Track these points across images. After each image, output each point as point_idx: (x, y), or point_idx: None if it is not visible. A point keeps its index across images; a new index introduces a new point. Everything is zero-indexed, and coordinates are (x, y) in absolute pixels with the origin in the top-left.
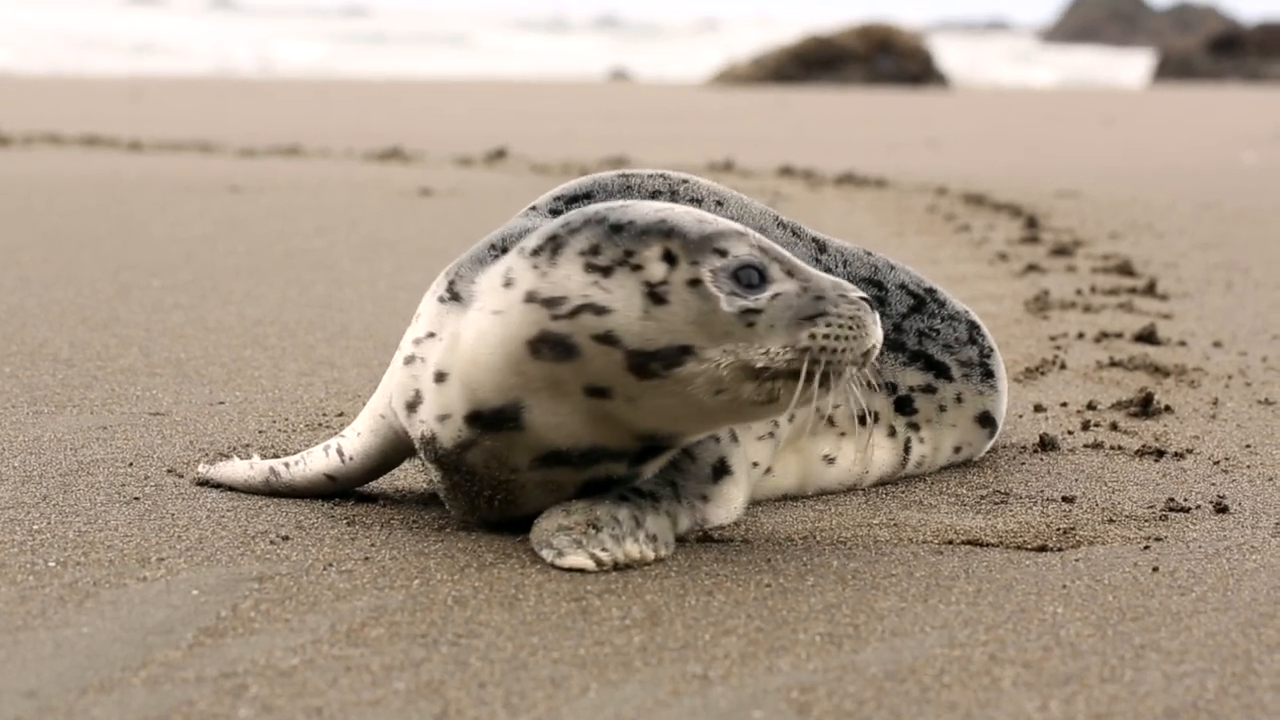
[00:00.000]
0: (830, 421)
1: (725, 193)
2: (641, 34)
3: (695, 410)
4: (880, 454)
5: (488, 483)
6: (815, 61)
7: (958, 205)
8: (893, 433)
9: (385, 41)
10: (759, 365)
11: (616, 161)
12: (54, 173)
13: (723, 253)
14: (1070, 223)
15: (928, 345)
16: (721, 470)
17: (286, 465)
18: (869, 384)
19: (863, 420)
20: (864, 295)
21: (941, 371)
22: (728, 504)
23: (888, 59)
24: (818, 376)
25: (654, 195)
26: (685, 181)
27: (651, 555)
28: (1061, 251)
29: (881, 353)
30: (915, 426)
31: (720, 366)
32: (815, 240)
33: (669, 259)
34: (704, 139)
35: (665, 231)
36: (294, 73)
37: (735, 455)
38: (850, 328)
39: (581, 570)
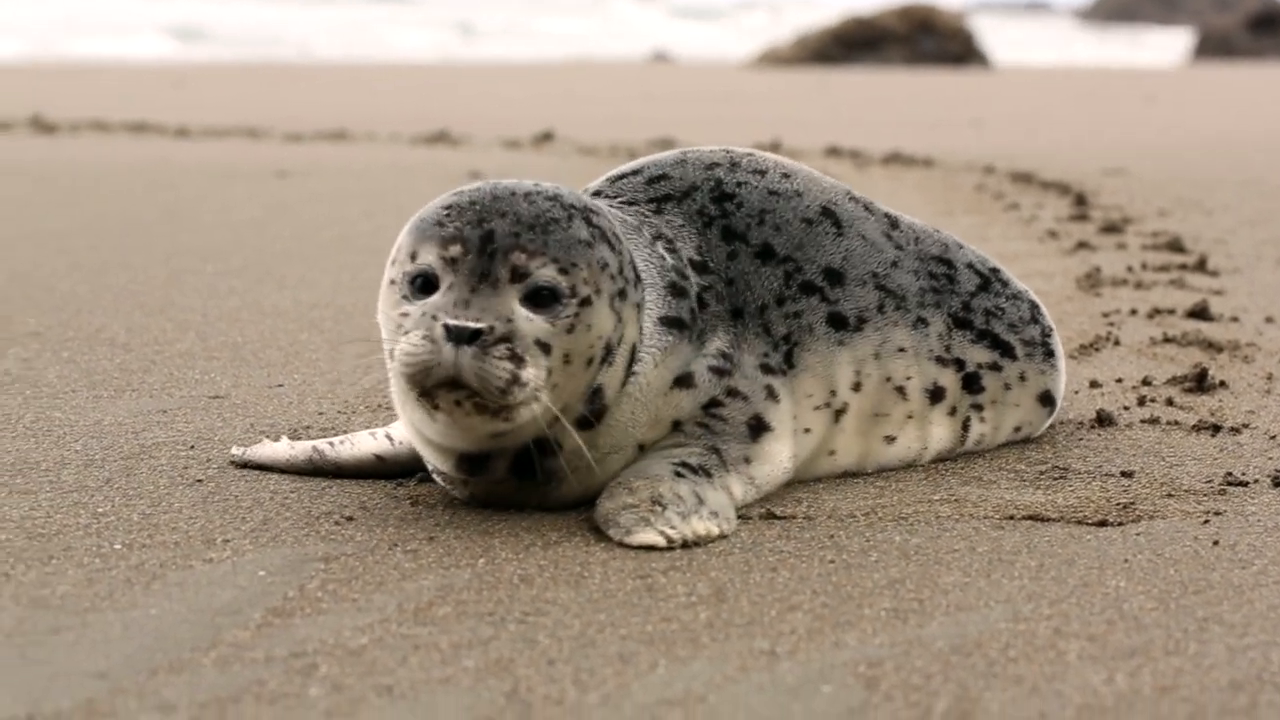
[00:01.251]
0: (901, 394)
1: (792, 165)
2: (682, 15)
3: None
4: (939, 431)
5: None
6: (857, 42)
7: (1005, 184)
8: (953, 411)
9: (470, 33)
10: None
11: (663, 143)
12: (101, 159)
13: (413, 256)
14: (1119, 200)
15: (994, 324)
16: (759, 428)
17: (331, 444)
18: (938, 358)
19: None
20: (456, 324)
21: (1006, 350)
22: (772, 460)
23: (929, 39)
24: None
25: (711, 167)
26: (750, 154)
27: (717, 531)
28: (1111, 229)
29: (949, 329)
30: (979, 407)
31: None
32: (887, 216)
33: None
34: (749, 120)
35: (407, 229)
36: (338, 58)
37: (773, 412)
38: (416, 349)
39: (650, 547)
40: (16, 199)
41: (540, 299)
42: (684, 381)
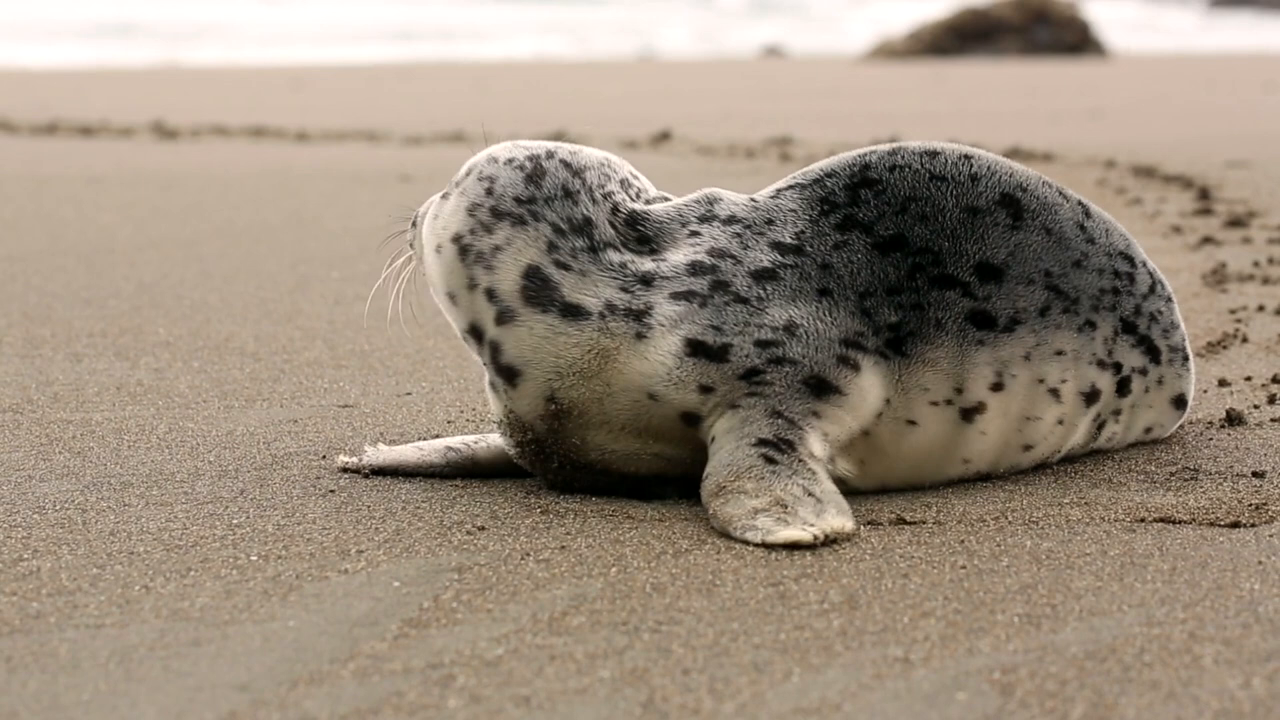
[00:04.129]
0: (1055, 396)
1: (976, 150)
2: (791, 9)
3: None
4: (1079, 434)
5: None
6: (971, 34)
7: (1127, 178)
8: (1099, 415)
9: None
10: None
11: (780, 141)
12: (224, 165)
13: None
14: (1243, 193)
15: (1153, 329)
16: (822, 388)
17: (466, 443)
18: (1099, 361)
19: None
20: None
21: (1155, 355)
22: (840, 423)
23: (1044, 29)
24: None
25: (866, 153)
26: (928, 143)
27: (850, 526)
28: (1236, 223)
29: (1116, 334)
30: (1118, 411)
31: None
32: (1080, 203)
33: None
34: (866, 116)
35: None
36: (448, 57)
37: (846, 380)
38: None
39: (795, 545)
40: (142, 207)
41: None
42: (706, 350)
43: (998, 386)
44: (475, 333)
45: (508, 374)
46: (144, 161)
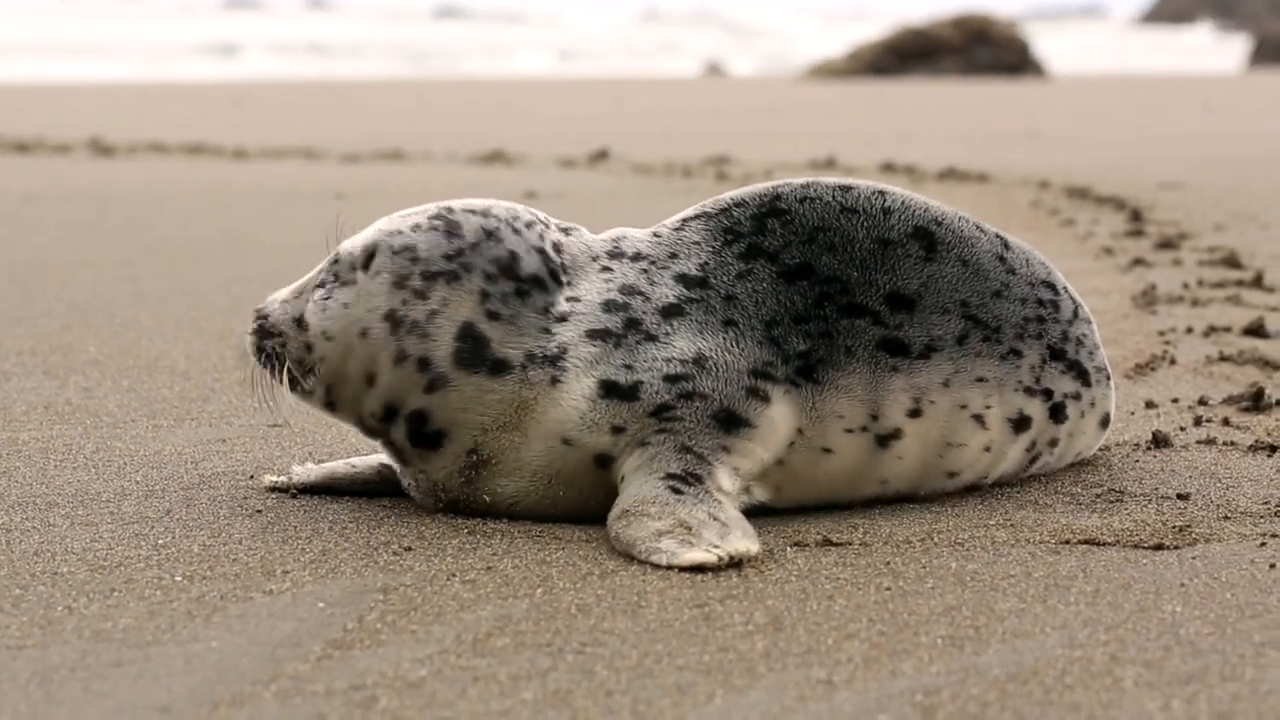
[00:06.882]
0: (980, 422)
1: (890, 187)
2: (735, 28)
3: None
4: (1009, 462)
5: None
6: (911, 53)
7: (1061, 199)
8: (1033, 444)
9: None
10: None
11: (718, 160)
12: (161, 183)
13: None
14: (1175, 215)
15: (1080, 353)
16: (732, 422)
17: None
18: (1026, 388)
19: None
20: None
21: (1085, 378)
22: (751, 456)
23: (984, 49)
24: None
25: (780, 185)
26: (843, 179)
27: (755, 549)
28: (1167, 245)
29: (1044, 361)
30: (1054, 441)
31: None
32: (999, 236)
33: None
34: (804, 135)
35: None
36: (391, 75)
37: (755, 411)
38: None
39: (701, 567)
40: (77, 225)
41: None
42: (618, 391)
43: (915, 413)
44: (390, 411)
45: (431, 440)
46: (79, 179)
